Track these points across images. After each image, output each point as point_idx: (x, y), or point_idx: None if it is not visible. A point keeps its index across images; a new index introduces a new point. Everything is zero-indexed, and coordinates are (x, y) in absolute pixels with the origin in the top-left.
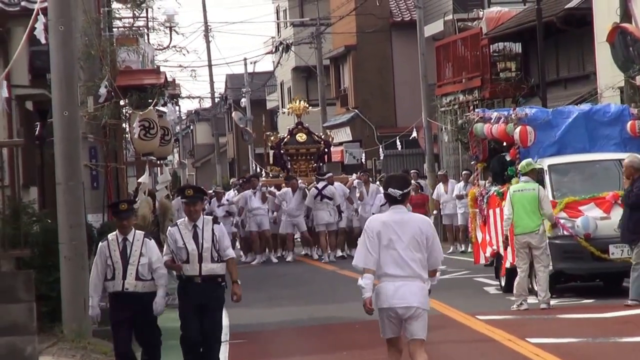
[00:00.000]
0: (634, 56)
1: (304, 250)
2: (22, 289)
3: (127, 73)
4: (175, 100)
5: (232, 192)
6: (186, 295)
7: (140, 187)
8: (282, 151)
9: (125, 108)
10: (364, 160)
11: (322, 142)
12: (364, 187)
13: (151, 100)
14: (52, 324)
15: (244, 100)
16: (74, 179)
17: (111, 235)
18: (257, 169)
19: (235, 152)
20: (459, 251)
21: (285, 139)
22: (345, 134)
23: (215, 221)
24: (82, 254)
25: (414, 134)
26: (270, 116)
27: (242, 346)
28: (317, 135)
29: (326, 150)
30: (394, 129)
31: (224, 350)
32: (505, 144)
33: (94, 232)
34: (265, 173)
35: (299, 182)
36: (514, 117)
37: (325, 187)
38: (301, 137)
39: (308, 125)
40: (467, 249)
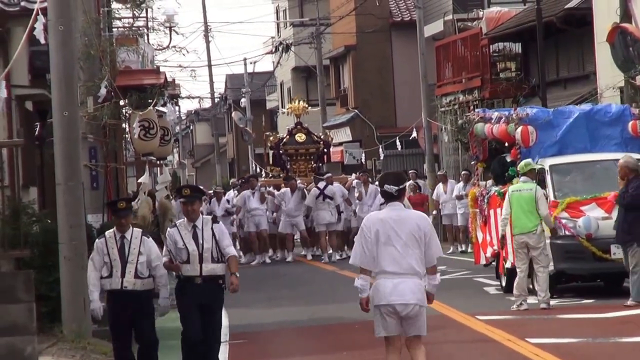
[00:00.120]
0: (634, 56)
1: (303, 251)
2: (22, 289)
3: (126, 73)
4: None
5: (232, 192)
6: (186, 295)
7: (141, 187)
8: (281, 151)
9: (125, 108)
10: (363, 161)
11: (322, 142)
12: (363, 188)
13: (151, 101)
14: (52, 324)
15: (243, 100)
16: (74, 179)
17: (109, 233)
18: (257, 169)
19: (235, 153)
20: (459, 251)
21: (285, 139)
22: (345, 134)
23: (214, 220)
24: (82, 254)
25: (414, 134)
26: (270, 116)
27: (242, 346)
28: (316, 136)
29: (325, 150)
30: (393, 129)
31: (224, 350)
32: (507, 144)
33: (94, 233)
34: (265, 173)
35: (297, 183)
36: (515, 117)
37: (326, 186)
38: (300, 137)
39: (308, 125)
40: (467, 249)
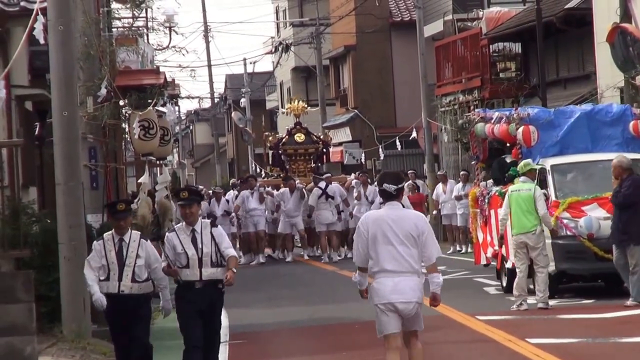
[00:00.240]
0: (634, 56)
1: (304, 251)
2: (22, 289)
3: (126, 73)
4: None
5: (232, 192)
6: (186, 300)
7: (141, 187)
8: (281, 151)
9: (124, 108)
10: (363, 161)
11: (321, 142)
12: (362, 188)
13: (151, 101)
14: (52, 324)
15: (243, 100)
16: (74, 179)
17: (107, 235)
18: (256, 169)
19: (235, 153)
20: (457, 251)
21: (284, 139)
22: (344, 134)
23: (213, 224)
24: (82, 254)
25: (414, 134)
26: (270, 116)
27: (242, 346)
28: (315, 136)
29: (325, 150)
30: (393, 129)
31: (224, 350)
32: (508, 144)
33: (94, 233)
34: (265, 173)
35: (296, 182)
36: (516, 117)
37: (327, 186)
38: (300, 137)
39: (307, 125)
40: (467, 249)
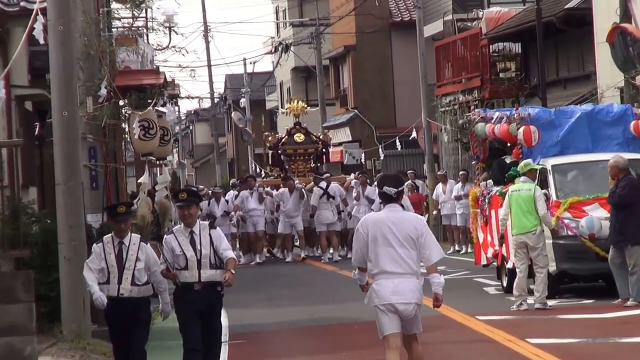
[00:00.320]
0: (634, 56)
1: (304, 251)
2: (22, 289)
3: (126, 73)
4: (174, 100)
5: (232, 192)
6: (185, 302)
7: (141, 187)
8: (280, 151)
9: (124, 108)
10: (363, 161)
11: (320, 142)
12: (361, 189)
13: (150, 101)
14: (52, 324)
15: (243, 100)
16: (73, 179)
17: (106, 238)
18: (256, 169)
19: (235, 153)
20: (455, 251)
21: (283, 139)
22: (344, 134)
23: (211, 226)
24: (82, 254)
25: (414, 134)
26: (270, 116)
27: (242, 346)
28: (315, 136)
29: (324, 150)
30: (393, 129)
31: (224, 350)
32: (508, 144)
33: (93, 233)
34: (265, 173)
35: (295, 183)
36: (516, 117)
37: (328, 186)
38: (299, 138)
39: (307, 125)
40: (467, 249)
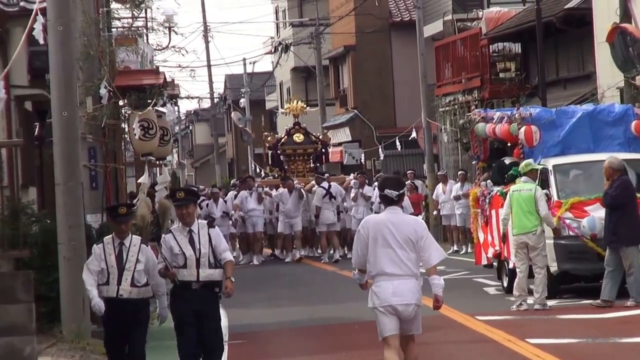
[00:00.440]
0: (634, 56)
1: (303, 251)
2: (21, 289)
3: (126, 73)
4: (174, 100)
5: (231, 193)
6: (182, 300)
7: (141, 187)
8: (280, 151)
9: (124, 108)
10: (363, 161)
11: (320, 143)
12: (360, 189)
13: (150, 101)
14: (51, 324)
15: (243, 100)
16: (73, 179)
17: (107, 239)
18: (256, 169)
19: (235, 153)
20: (454, 251)
21: (283, 139)
22: (344, 135)
23: (210, 225)
24: (81, 254)
25: (414, 135)
26: (270, 116)
27: (242, 346)
28: (314, 136)
29: (324, 150)
30: (393, 129)
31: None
32: (509, 144)
33: (93, 233)
34: (264, 174)
35: (295, 183)
36: (517, 117)
37: (330, 186)
38: (298, 138)
39: (307, 125)
40: (467, 249)
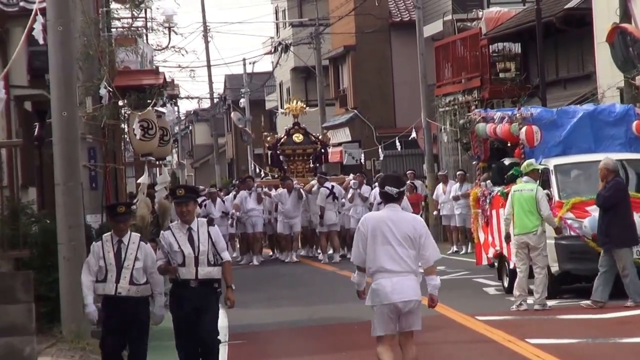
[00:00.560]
0: (634, 56)
1: (302, 251)
2: (21, 289)
3: (125, 73)
4: (174, 100)
5: (231, 194)
6: (182, 301)
7: (140, 187)
8: (279, 152)
9: (123, 108)
10: (363, 161)
11: (319, 143)
12: (359, 189)
13: (150, 101)
14: (51, 324)
15: (242, 100)
16: (73, 179)
17: (106, 236)
18: (256, 169)
19: (234, 153)
20: (453, 252)
21: (282, 140)
22: (344, 135)
23: (210, 223)
24: (81, 254)
25: (413, 135)
26: (269, 117)
27: (241, 347)
28: (314, 136)
29: (323, 150)
30: (393, 129)
31: (223, 350)
32: (509, 144)
33: (93, 233)
34: (264, 174)
35: (294, 183)
36: (518, 117)
37: (333, 186)
38: (298, 138)
39: (307, 125)
40: (467, 249)
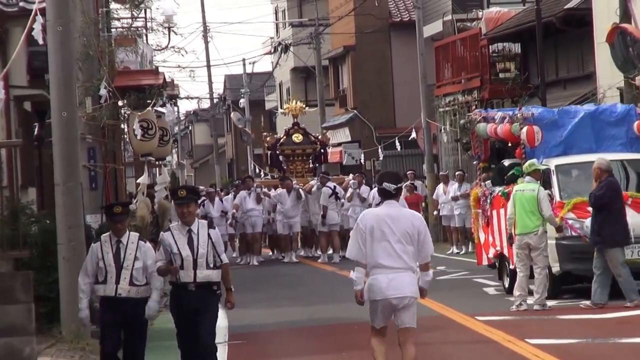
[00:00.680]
0: (634, 56)
1: (302, 251)
2: (21, 289)
3: (125, 73)
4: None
5: (230, 195)
6: (182, 303)
7: (140, 187)
8: (278, 152)
9: (123, 109)
10: (362, 161)
11: (319, 143)
12: (358, 189)
13: (150, 101)
14: (51, 324)
15: (242, 100)
16: (73, 179)
17: (104, 237)
18: (255, 169)
19: (234, 153)
20: (453, 253)
21: (282, 140)
22: (344, 135)
23: (210, 225)
24: (81, 255)
25: (413, 135)
26: (269, 117)
27: (241, 347)
28: (313, 136)
29: (322, 150)
30: (393, 129)
31: (223, 351)
32: (510, 144)
33: (93, 233)
34: (264, 174)
35: (293, 183)
36: (519, 117)
37: (335, 186)
38: (297, 138)
39: (307, 125)
40: (467, 250)
